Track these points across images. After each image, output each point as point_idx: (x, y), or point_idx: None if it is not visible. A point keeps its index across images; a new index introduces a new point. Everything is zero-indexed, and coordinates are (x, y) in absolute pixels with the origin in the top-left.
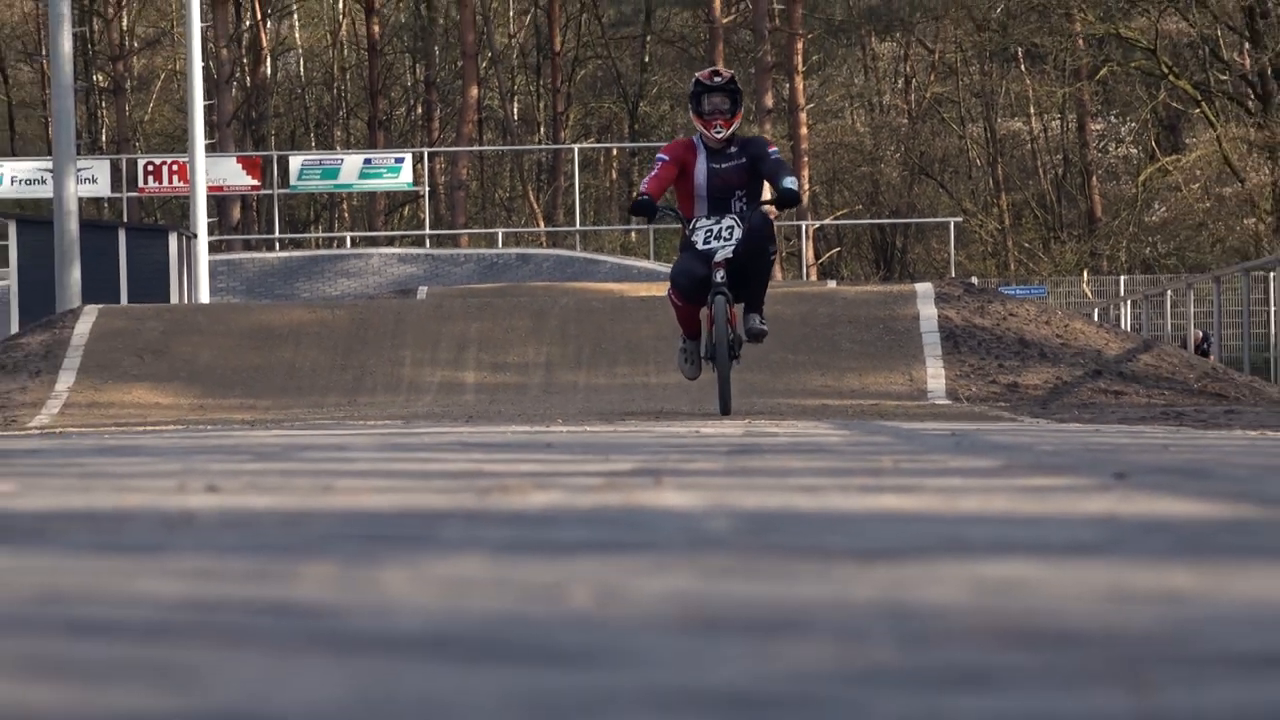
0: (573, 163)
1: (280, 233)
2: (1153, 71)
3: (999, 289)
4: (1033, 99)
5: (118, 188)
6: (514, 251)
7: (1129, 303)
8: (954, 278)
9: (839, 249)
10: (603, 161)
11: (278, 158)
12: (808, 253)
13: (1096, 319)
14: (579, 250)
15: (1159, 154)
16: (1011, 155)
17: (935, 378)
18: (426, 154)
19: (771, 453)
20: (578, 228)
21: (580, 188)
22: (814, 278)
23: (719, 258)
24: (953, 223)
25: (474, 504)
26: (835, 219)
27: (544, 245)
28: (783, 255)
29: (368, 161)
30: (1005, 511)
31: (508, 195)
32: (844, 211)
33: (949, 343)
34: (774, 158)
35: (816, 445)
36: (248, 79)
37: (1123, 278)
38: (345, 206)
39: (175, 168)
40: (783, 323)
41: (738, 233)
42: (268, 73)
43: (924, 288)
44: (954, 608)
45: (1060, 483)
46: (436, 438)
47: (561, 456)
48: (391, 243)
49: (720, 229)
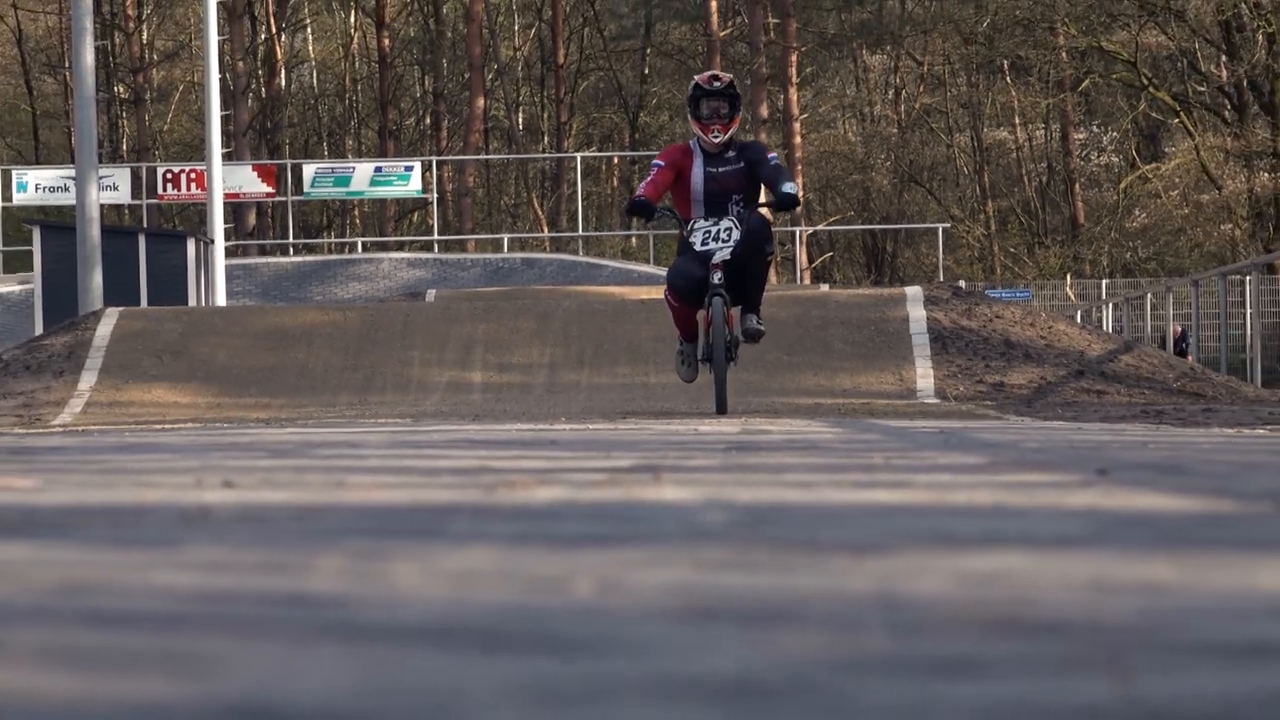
0: (575, 171)
1: (294, 238)
2: (1133, 83)
3: (985, 292)
4: (1018, 109)
5: (138, 195)
6: (519, 256)
7: (1111, 305)
8: (942, 281)
9: (831, 254)
10: (604, 169)
11: (292, 166)
12: (801, 257)
13: (1079, 321)
14: (581, 255)
15: (1139, 162)
16: (997, 164)
17: (924, 378)
18: (435, 162)
19: (767, 450)
20: (580, 233)
21: (583, 195)
22: (807, 281)
23: (717, 259)
24: (941, 228)
25: (481, 499)
26: (828, 225)
27: (548, 250)
28: (777, 260)
29: (378, 169)
30: (992, 506)
31: (513, 202)
32: (836, 218)
33: (937, 344)
34: (773, 163)
35: (810, 443)
36: (263, 90)
37: (1104, 281)
38: (356, 213)
39: (193, 176)
40: (778, 325)
41: (736, 234)
42: (282, 84)
43: (913, 291)
44: (943, 599)
45: (1045, 478)
46: (444, 435)
47: (565, 453)
48: (401, 248)
49: (718, 230)
